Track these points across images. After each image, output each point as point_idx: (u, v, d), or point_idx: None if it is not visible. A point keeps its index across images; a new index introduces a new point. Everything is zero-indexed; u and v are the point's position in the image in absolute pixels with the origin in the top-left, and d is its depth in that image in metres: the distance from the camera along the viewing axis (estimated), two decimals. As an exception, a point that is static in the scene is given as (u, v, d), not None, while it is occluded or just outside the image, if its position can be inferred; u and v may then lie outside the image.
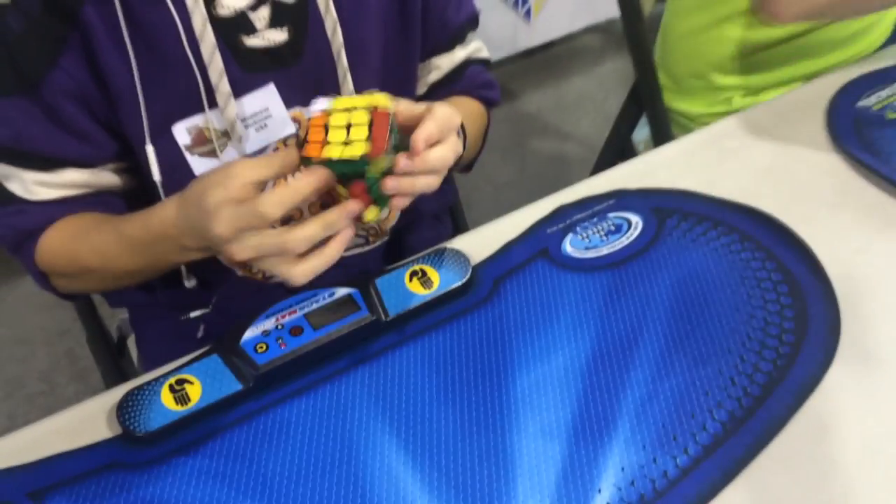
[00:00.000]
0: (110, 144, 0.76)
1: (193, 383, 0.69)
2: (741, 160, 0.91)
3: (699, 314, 0.75)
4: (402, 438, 0.67)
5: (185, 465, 0.66)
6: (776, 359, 0.71)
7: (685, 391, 0.69)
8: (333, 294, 0.75)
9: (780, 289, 0.76)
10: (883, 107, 0.96)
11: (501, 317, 0.76)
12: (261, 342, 0.71)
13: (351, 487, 0.64)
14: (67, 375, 1.74)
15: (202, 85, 0.73)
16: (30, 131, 0.73)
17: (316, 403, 0.70)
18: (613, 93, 2.38)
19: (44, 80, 0.70)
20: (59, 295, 0.84)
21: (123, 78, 0.71)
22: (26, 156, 0.74)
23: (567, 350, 0.73)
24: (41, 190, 0.75)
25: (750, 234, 0.82)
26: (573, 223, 0.84)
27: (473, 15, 0.92)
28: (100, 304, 1.01)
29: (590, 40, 2.59)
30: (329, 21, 0.77)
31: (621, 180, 0.89)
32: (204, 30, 0.71)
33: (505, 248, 0.83)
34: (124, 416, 0.67)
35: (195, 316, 0.88)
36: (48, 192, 0.76)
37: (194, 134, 0.76)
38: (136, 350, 1.00)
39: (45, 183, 0.75)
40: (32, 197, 0.75)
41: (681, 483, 0.63)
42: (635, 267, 0.79)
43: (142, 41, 0.71)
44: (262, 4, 0.74)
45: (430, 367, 0.72)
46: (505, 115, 2.30)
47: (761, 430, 0.66)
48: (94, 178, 0.77)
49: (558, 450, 0.65)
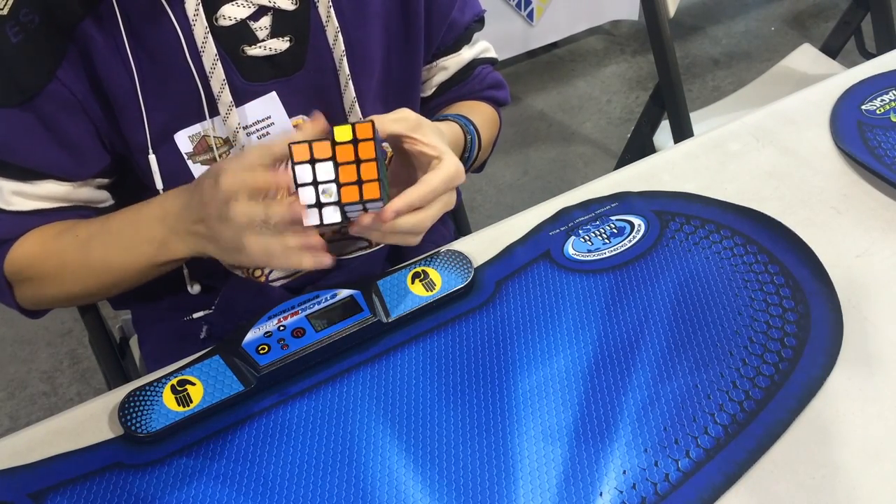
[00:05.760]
0: (99, 159, 0.76)
1: (195, 384, 0.69)
2: (744, 163, 0.91)
3: (701, 317, 0.75)
4: (404, 440, 0.67)
5: (187, 466, 0.66)
6: (778, 362, 0.70)
7: (687, 394, 0.69)
8: (335, 296, 0.75)
9: (782, 292, 0.76)
10: (887, 110, 0.96)
11: (503, 319, 0.76)
12: (263, 343, 0.71)
13: (352, 489, 0.64)
14: (70, 376, 1.75)
15: (204, 94, 0.73)
16: (17, 143, 0.72)
17: (318, 405, 0.70)
18: (616, 95, 2.38)
19: (40, 93, 0.70)
20: (22, 310, 0.81)
21: (124, 88, 0.71)
22: (7, 166, 0.73)
23: (569, 352, 0.72)
24: (17, 200, 0.75)
25: (753, 238, 0.81)
26: (576, 226, 0.84)
27: (479, 15, 0.91)
28: (102, 305, 1.01)
29: (593, 42, 2.59)
30: (330, 29, 0.76)
31: (624, 183, 0.89)
32: (205, 40, 0.71)
33: (507, 250, 0.83)
34: (126, 416, 0.67)
35: (198, 317, 0.88)
36: (24, 202, 0.75)
37: (196, 142, 0.76)
38: (139, 351, 1.00)
39: (22, 193, 0.75)
40: (7, 207, 0.75)
41: (683, 486, 0.62)
42: (637, 270, 0.79)
43: (143, 52, 0.71)
44: (263, 14, 0.74)
45: (432, 369, 0.72)
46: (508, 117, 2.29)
47: (763, 434, 0.65)
48: (73, 193, 0.77)
49: (560, 452, 0.65)
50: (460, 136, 0.84)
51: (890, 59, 1.06)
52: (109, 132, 0.75)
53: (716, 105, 1.60)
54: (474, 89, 0.94)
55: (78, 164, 0.75)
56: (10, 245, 0.76)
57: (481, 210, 2.05)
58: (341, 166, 0.63)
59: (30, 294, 0.79)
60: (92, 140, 0.75)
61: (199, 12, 0.70)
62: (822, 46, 1.72)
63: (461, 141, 0.84)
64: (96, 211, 0.80)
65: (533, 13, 2.28)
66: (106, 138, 0.75)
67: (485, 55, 0.95)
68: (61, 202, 0.77)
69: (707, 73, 2.45)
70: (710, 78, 2.43)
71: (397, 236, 0.67)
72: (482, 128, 0.88)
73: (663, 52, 1.31)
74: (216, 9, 0.72)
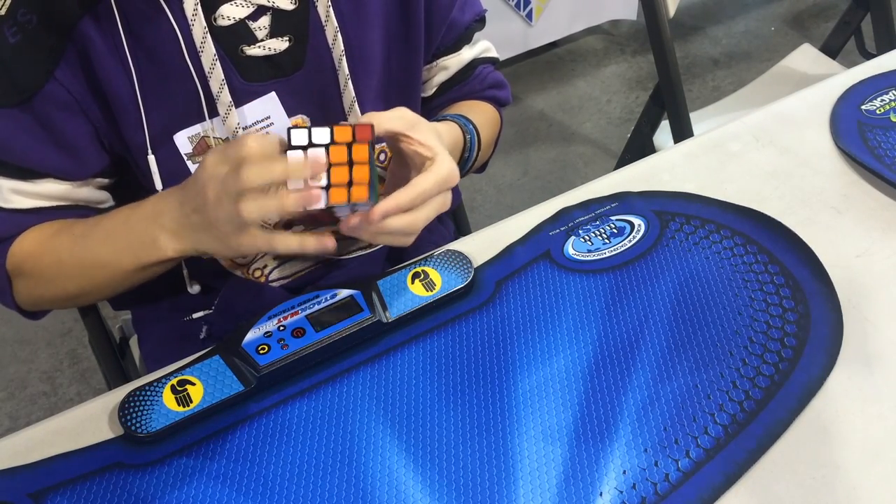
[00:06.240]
0: (98, 159, 0.76)
1: (195, 384, 0.69)
2: (744, 163, 0.91)
3: (701, 317, 0.75)
4: (404, 440, 0.67)
5: (187, 466, 0.66)
6: (778, 362, 0.70)
7: (687, 394, 0.69)
8: (335, 295, 0.75)
9: (782, 292, 0.76)
10: (887, 110, 0.96)
11: (503, 319, 0.76)
12: (263, 343, 0.71)
13: (352, 489, 0.64)
14: (69, 376, 1.75)
15: (203, 95, 0.73)
16: (16, 142, 0.72)
17: (317, 405, 0.70)
18: (616, 95, 2.38)
19: (38, 93, 0.70)
20: (22, 311, 0.81)
21: (123, 89, 0.71)
22: (5, 165, 0.73)
23: (569, 352, 0.72)
24: (16, 198, 0.75)
25: (753, 238, 0.81)
26: (576, 225, 0.84)
27: (480, 15, 0.91)
28: (102, 305, 1.01)
29: (592, 42, 2.59)
30: (330, 29, 0.76)
31: (624, 183, 0.89)
32: (204, 40, 0.71)
33: (507, 250, 0.83)
34: (126, 416, 0.67)
35: (198, 317, 0.88)
36: (23, 200, 0.75)
37: (196, 143, 0.76)
38: (139, 351, 1.00)
39: (21, 192, 0.75)
40: (6, 205, 0.75)
41: (683, 486, 0.62)
42: (637, 270, 0.79)
43: (142, 52, 0.71)
44: (262, 14, 0.74)
45: (432, 369, 0.72)
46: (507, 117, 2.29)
47: (763, 434, 0.65)
48: (73, 192, 0.77)
49: (560, 452, 0.65)
50: (459, 137, 0.83)
51: (890, 59, 1.06)
52: (108, 133, 0.75)
53: (716, 105, 1.60)
54: (475, 89, 0.94)
55: (76, 164, 0.75)
56: (10, 243, 0.76)
57: (481, 210, 2.05)
58: (333, 167, 0.62)
59: (27, 293, 0.79)
60: (90, 140, 0.74)
61: (197, 12, 0.70)
62: (822, 46, 1.72)
63: (460, 141, 0.84)
64: (97, 211, 0.80)
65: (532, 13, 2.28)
66: (105, 139, 0.75)
67: (486, 55, 0.95)
68: (60, 200, 0.77)
69: (707, 73, 2.45)
70: (710, 78, 2.43)
71: (387, 237, 0.66)
72: (482, 128, 0.88)
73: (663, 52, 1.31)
74: (215, 8, 0.72)
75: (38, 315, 0.84)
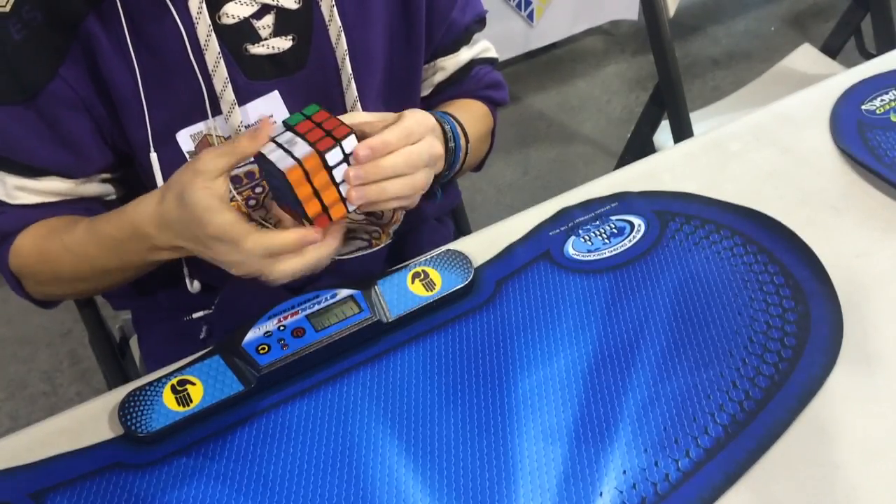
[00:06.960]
0: (101, 157, 0.76)
1: (195, 384, 0.69)
2: (744, 163, 0.91)
3: (701, 317, 0.75)
4: (404, 440, 0.67)
5: (187, 466, 0.66)
6: (778, 362, 0.70)
7: (687, 394, 0.69)
8: (335, 295, 0.75)
9: (782, 292, 0.76)
10: (887, 110, 0.96)
11: (503, 319, 0.76)
12: (263, 343, 0.71)
13: (352, 489, 0.64)
14: (70, 376, 1.75)
15: (206, 93, 0.73)
16: (20, 140, 0.72)
17: (317, 405, 0.70)
18: (616, 95, 2.38)
19: (42, 90, 0.70)
20: (35, 301, 0.82)
21: (127, 86, 0.71)
22: (11, 162, 0.74)
23: (569, 352, 0.73)
24: (21, 194, 0.75)
25: (753, 238, 0.81)
26: (576, 225, 0.84)
27: (480, 16, 0.91)
28: (102, 305, 1.01)
29: (593, 43, 2.59)
30: (333, 28, 0.76)
31: (624, 183, 0.89)
32: (209, 38, 0.71)
33: (507, 250, 0.83)
34: (126, 416, 0.67)
35: (198, 317, 0.88)
36: (28, 196, 0.76)
37: (198, 141, 0.76)
38: (139, 351, 1.00)
39: (26, 188, 0.75)
40: (11, 201, 0.75)
41: (683, 486, 0.62)
42: (637, 270, 0.79)
43: (146, 50, 0.71)
44: (266, 12, 0.74)
45: (432, 369, 0.72)
46: (508, 117, 2.30)
47: (763, 434, 0.65)
48: (77, 188, 0.77)
49: (560, 452, 0.65)
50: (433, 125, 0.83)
51: (890, 59, 1.06)
52: (112, 130, 0.75)
53: (716, 105, 1.60)
54: (471, 89, 0.93)
55: (80, 161, 0.75)
56: (13, 240, 0.77)
57: (481, 210, 2.05)
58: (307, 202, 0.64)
59: (33, 291, 0.80)
60: (94, 138, 0.75)
61: (202, 10, 0.70)
62: (822, 46, 1.72)
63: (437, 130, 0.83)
64: (101, 204, 0.80)
65: (533, 13, 2.28)
66: (108, 136, 0.76)
67: (484, 55, 0.94)
68: (64, 196, 0.77)
69: (707, 73, 2.45)
70: (710, 78, 2.43)
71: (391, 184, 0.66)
72: (468, 122, 0.86)
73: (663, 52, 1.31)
74: (219, 7, 0.72)
75: (51, 304, 0.85)
